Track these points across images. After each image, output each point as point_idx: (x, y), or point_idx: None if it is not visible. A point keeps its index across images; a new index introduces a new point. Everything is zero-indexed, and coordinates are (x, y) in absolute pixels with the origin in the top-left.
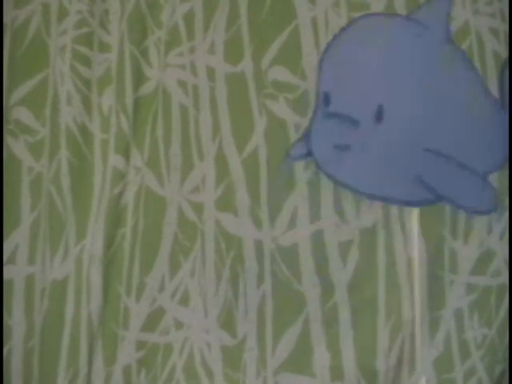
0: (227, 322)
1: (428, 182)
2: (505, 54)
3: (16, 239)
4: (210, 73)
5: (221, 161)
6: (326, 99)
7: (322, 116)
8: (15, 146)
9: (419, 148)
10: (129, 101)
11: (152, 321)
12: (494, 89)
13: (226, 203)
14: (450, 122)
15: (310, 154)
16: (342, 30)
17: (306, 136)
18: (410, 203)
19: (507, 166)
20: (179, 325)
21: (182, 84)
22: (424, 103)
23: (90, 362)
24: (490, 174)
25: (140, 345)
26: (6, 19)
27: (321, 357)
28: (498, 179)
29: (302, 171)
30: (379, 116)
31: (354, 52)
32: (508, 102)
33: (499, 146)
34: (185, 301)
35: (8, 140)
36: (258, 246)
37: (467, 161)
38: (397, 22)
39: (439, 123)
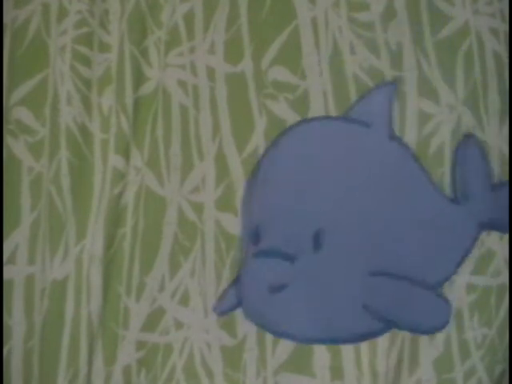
0: (227, 322)
1: (375, 310)
2: (505, 54)
3: (16, 239)
4: (210, 73)
5: (221, 161)
6: (256, 236)
7: (251, 256)
8: (15, 145)
9: (364, 273)
10: (129, 101)
11: (152, 321)
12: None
13: (226, 203)
14: (396, 235)
15: (240, 303)
16: (271, 145)
17: (235, 282)
18: (362, 337)
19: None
20: (179, 325)
21: (182, 84)
22: (366, 219)
23: (90, 362)
24: (445, 283)
25: (140, 345)
26: (6, 19)
27: (321, 357)
28: (451, 287)
29: None
30: (317, 244)
31: (284, 172)
32: (464, 192)
33: (452, 251)
34: (185, 301)
35: (8, 140)
36: None
37: (418, 275)
38: (332, 126)
39: (384, 238)
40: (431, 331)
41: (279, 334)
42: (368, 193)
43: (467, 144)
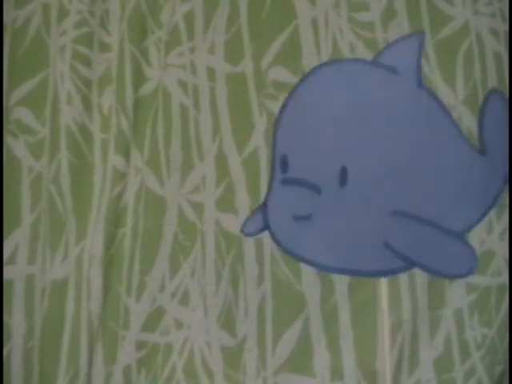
0: (227, 322)
1: (397, 249)
2: (505, 54)
3: (16, 239)
4: (210, 73)
5: (221, 161)
6: (284, 164)
7: (279, 183)
8: (15, 145)
9: (387, 211)
10: (129, 101)
11: (152, 321)
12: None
13: (226, 203)
14: (422, 179)
15: (266, 227)
16: (300, 82)
17: (262, 207)
18: (380, 273)
19: (487, 216)
20: (179, 325)
21: (182, 84)
22: (392, 160)
23: (90, 362)
24: (470, 232)
25: (140, 345)
26: (6, 19)
27: (321, 357)
28: (478, 235)
29: None
30: (343, 180)
31: (313, 108)
32: (493, 145)
33: (478, 200)
34: (185, 301)
35: (8, 140)
36: (258, 245)
37: (443, 221)
38: (361, 69)
39: (409, 181)
40: (454, 276)
41: (302, 260)
42: (395, 136)
43: (494, 99)
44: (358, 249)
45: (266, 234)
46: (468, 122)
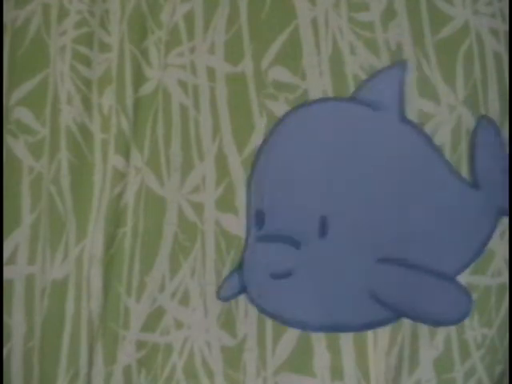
0: (227, 322)
1: (383, 298)
2: (505, 54)
3: (16, 239)
4: (210, 73)
5: (221, 161)
6: (259, 219)
7: (254, 240)
8: (15, 145)
9: (372, 259)
10: (129, 101)
11: (152, 321)
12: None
13: (226, 203)
14: (409, 221)
15: (243, 289)
16: (274, 129)
17: (237, 268)
18: (366, 326)
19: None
20: (179, 325)
21: (182, 84)
22: (377, 203)
23: (90, 362)
24: (462, 273)
25: (140, 345)
26: (6, 19)
27: (321, 357)
28: (470, 276)
29: None
30: (323, 230)
31: (289, 155)
32: (485, 177)
33: (471, 239)
34: (185, 301)
35: (8, 140)
36: None
37: (432, 264)
38: (339, 108)
39: (395, 224)
40: (448, 323)
41: (283, 322)
42: (377, 178)
43: (484, 127)
44: (343, 302)
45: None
46: (468, 122)
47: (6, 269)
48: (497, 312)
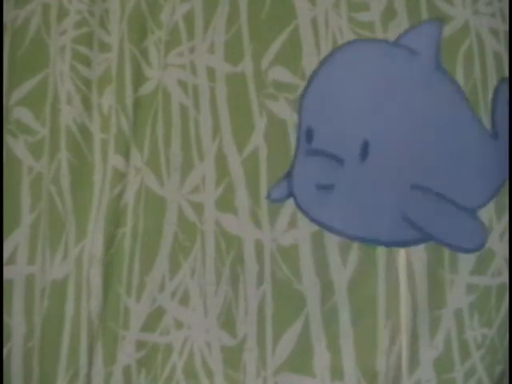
0: (227, 322)
1: (414, 221)
2: (505, 54)
3: (16, 239)
4: (210, 73)
5: (221, 161)
6: (309, 135)
7: (304, 153)
8: (15, 145)
9: (406, 185)
10: (129, 101)
11: (152, 321)
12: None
13: (226, 203)
14: (438, 157)
15: (291, 194)
16: (324, 60)
17: (288, 175)
18: (397, 243)
19: (498, 196)
20: (179, 325)
21: (182, 84)
22: (412, 137)
23: (90, 362)
24: (481, 209)
25: (140, 345)
26: (6, 19)
27: (321, 357)
28: (487, 212)
29: None
30: (364, 153)
31: (338, 84)
32: (505, 131)
33: (490, 180)
34: (185, 301)
35: (8, 140)
36: (258, 245)
37: (456, 197)
38: (383, 48)
39: (426, 158)
40: (466, 250)
41: (322, 225)
42: (413, 115)
43: (505, 87)
44: (377, 219)
45: (266, 237)
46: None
47: (5, 269)
48: (497, 312)
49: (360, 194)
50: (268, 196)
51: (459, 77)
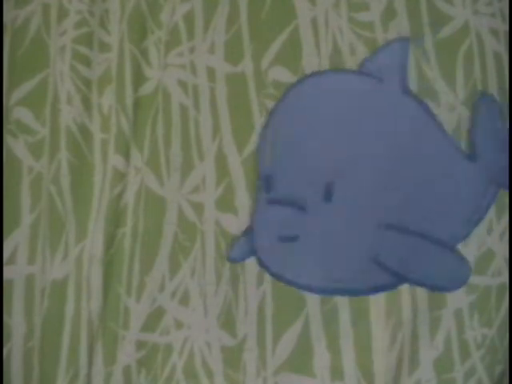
0: (227, 322)
1: (386, 263)
2: (505, 54)
3: (16, 239)
4: (210, 73)
5: (221, 161)
6: (268, 184)
7: (263, 204)
8: (15, 145)
9: (375, 225)
10: (129, 101)
11: (152, 321)
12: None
13: (226, 203)
14: (410, 190)
15: (253, 252)
16: (284, 96)
17: (248, 231)
18: (369, 291)
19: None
20: (179, 325)
21: (182, 84)
22: (380, 171)
23: (90, 362)
24: (461, 243)
25: (140, 345)
26: (6, 19)
27: (321, 357)
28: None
29: None
30: (328, 194)
31: (297, 122)
32: (485, 151)
33: (469, 209)
34: (185, 301)
35: (8, 140)
36: None
37: (434, 232)
38: (346, 78)
39: (398, 192)
40: (446, 289)
41: (289, 283)
42: (380, 147)
43: (484, 102)
44: (347, 266)
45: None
46: (468, 122)
47: (5, 269)
48: (497, 312)
49: (326, 240)
50: (228, 257)
51: (459, 77)
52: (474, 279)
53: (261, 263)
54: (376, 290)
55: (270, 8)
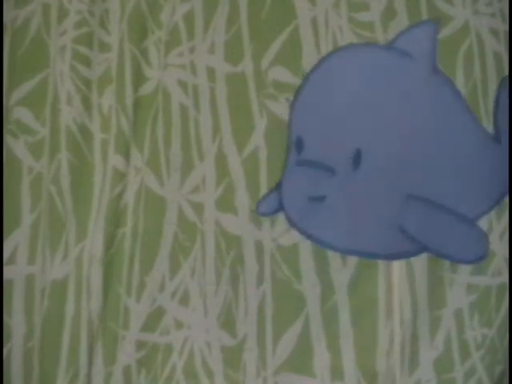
0: (227, 322)
1: (411, 233)
2: (505, 54)
3: (16, 239)
4: (210, 73)
5: (221, 161)
6: (299, 145)
7: (294, 164)
8: (15, 145)
9: (401, 195)
10: (129, 101)
11: (152, 321)
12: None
13: (226, 203)
14: (436, 164)
15: (281, 207)
16: (316, 66)
17: (278, 187)
18: (392, 256)
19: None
20: (179, 325)
21: (182, 84)
22: (407, 143)
23: (90, 362)
24: (481, 218)
25: (140, 345)
26: (6, 19)
27: (321, 357)
28: (489, 221)
29: None
30: (357, 161)
31: (329, 90)
32: (506, 133)
33: (491, 187)
34: (185, 301)
35: (8, 140)
36: (258, 246)
37: (456, 206)
38: (377, 52)
39: (424, 165)
40: (467, 262)
41: (315, 240)
42: (409, 121)
43: (505, 88)
44: (371, 231)
45: (266, 237)
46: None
47: (5, 269)
48: (497, 312)
49: (353, 205)
50: (256, 209)
51: (459, 77)
52: (474, 279)
53: (289, 220)
54: (397, 256)
55: (270, 8)
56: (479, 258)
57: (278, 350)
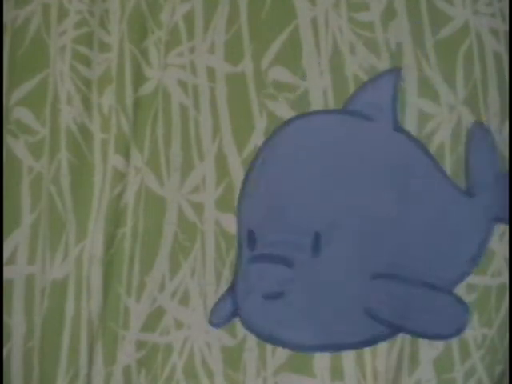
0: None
1: (380, 315)
2: (505, 54)
3: (16, 239)
4: (210, 73)
5: (221, 161)
6: (251, 240)
7: (246, 262)
8: (15, 145)
9: (366, 276)
10: (129, 101)
11: (152, 321)
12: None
13: (226, 203)
14: (404, 232)
15: (236, 313)
16: (261, 148)
17: (230, 291)
18: (362, 344)
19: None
20: (179, 325)
21: (182, 84)
22: (370, 217)
23: (90, 362)
24: (458, 285)
25: (140, 345)
26: (6, 19)
27: (321, 357)
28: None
29: None
30: (316, 247)
31: (281, 171)
32: (483, 183)
33: (468, 248)
34: (185, 301)
35: (8, 140)
36: None
37: (427, 277)
38: (333, 121)
39: (390, 237)
40: (446, 336)
41: (279, 343)
42: (372, 190)
43: (477, 133)
44: (339, 321)
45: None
46: (468, 122)
47: (5, 269)
48: (497, 312)
49: (315, 295)
50: (209, 321)
51: (459, 77)
52: (474, 279)
53: (245, 325)
54: (372, 342)
55: (270, 8)
56: (458, 332)
57: (277, 350)
